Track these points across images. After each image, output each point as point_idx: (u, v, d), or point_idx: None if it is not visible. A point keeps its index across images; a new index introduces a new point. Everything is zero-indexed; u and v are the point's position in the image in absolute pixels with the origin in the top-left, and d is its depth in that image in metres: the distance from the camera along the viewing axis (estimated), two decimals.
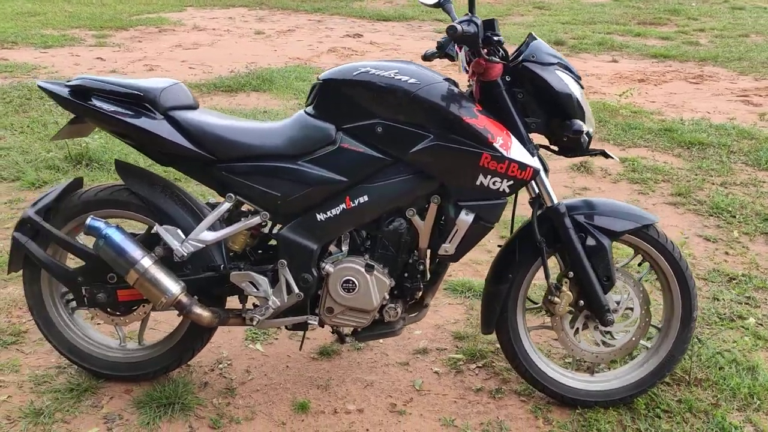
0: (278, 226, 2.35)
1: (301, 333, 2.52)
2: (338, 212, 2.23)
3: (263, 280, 2.29)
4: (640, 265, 2.46)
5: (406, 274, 2.33)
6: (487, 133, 2.11)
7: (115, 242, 2.22)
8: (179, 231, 2.27)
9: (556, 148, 2.27)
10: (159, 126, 2.23)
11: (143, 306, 2.41)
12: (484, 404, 2.48)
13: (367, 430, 2.34)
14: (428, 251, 2.33)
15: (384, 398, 2.50)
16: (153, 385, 2.48)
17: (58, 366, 2.61)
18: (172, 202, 2.35)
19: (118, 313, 2.42)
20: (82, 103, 2.24)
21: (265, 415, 2.40)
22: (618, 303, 2.32)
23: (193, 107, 2.34)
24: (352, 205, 2.22)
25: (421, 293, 2.39)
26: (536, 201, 2.27)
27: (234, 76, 7.14)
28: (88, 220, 2.27)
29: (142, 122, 2.22)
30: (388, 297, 2.31)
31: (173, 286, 2.24)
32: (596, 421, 2.36)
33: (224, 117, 2.37)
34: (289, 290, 2.29)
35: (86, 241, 2.61)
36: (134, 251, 2.23)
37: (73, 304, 2.54)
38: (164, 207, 2.33)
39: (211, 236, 2.28)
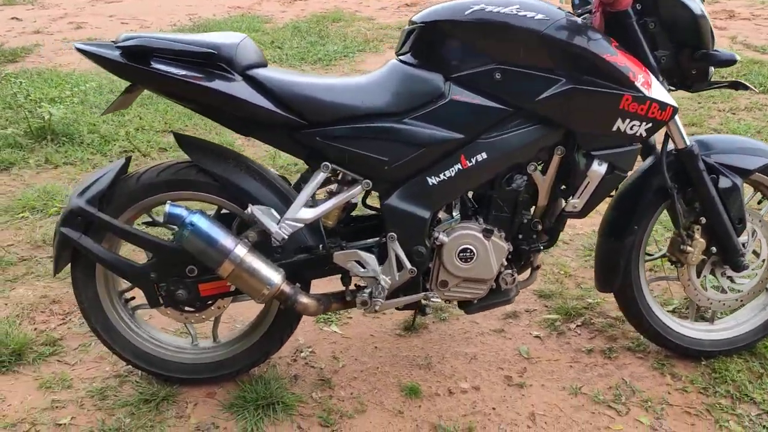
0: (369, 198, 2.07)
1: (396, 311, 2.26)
2: (453, 174, 1.97)
3: (371, 258, 2.01)
4: (759, 203, 2.31)
5: (520, 236, 2.10)
6: (628, 71, 1.88)
7: (203, 231, 1.89)
8: (273, 211, 1.95)
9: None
10: (239, 88, 1.89)
11: (222, 300, 2.09)
12: (602, 366, 2.31)
13: (494, 408, 2.14)
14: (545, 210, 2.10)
15: (495, 371, 2.29)
16: (238, 385, 2.19)
17: (117, 375, 2.27)
18: (250, 178, 2.03)
19: (193, 309, 2.10)
20: (142, 68, 1.86)
21: (376, 404, 2.15)
22: (744, 245, 2.18)
23: (264, 64, 2.00)
24: (469, 164, 1.96)
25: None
26: (665, 143, 2.07)
27: (179, 31, 6.60)
28: (168, 207, 1.92)
29: (220, 85, 1.87)
30: (505, 263, 2.09)
31: (274, 275, 1.93)
32: (726, 372, 2.23)
33: (303, 74, 2.05)
34: (400, 266, 2.03)
35: (147, 229, 2.28)
36: (226, 239, 1.90)
37: (133, 303, 2.20)
38: (242, 184, 2.00)
39: (310, 214, 1.97)
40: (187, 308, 2.09)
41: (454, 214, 2.07)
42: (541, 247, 2.13)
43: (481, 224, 2.04)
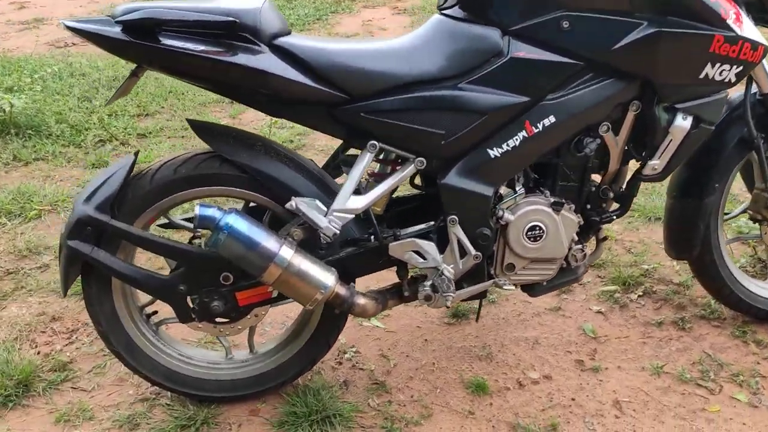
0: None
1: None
2: (517, 143, 1.72)
3: (431, 246, 1.76)
4: None
5: (589, 207, 1.88)
6: (719, 8, 1.64)
7: (242, 233, 1.62)
8: (318, 203, 1.68)
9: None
10: (268, 61, 1.60)
11: (262, 307, 1.83)
12: (678, 339, 2.12)
13: (573, 399, 1.93)
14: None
15: (563, 356, 2.08)
16: (285, 399, 1.94)
17: (143, 398, 1.99)
18: (284, 166, 1.75)
19: (228, 320, 1.83)
20: (150, 45, 1.56)
21: (442, 406, 1.93)
22: None
23: (288, 32, 1.71)
24: (535, 130, 1.72)
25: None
26: (748, 87, 1.85)
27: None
28: (198, 209, 1.64)
29: (246, 59, 1.58)
30: (576, 238, 1.86)
31: (327, 277, 1.67)
32: None
33: (335, 40, 1.77)
34: (462, 252, 1.79)
35: (163, 233, 2.00)
36: (268, 240, 1.63)
37: (156, 318, 1.93)
38: (276, 174, 1.73)
39: (361, 202, 1.71)
40: (220, 320, 1.83)
41: (517, 188, 1.83)
42: (614, 217, 1.90)
43: (548, 197, 1.80)
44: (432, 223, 1.79)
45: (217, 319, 1.82)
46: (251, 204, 1.82)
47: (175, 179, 1.73)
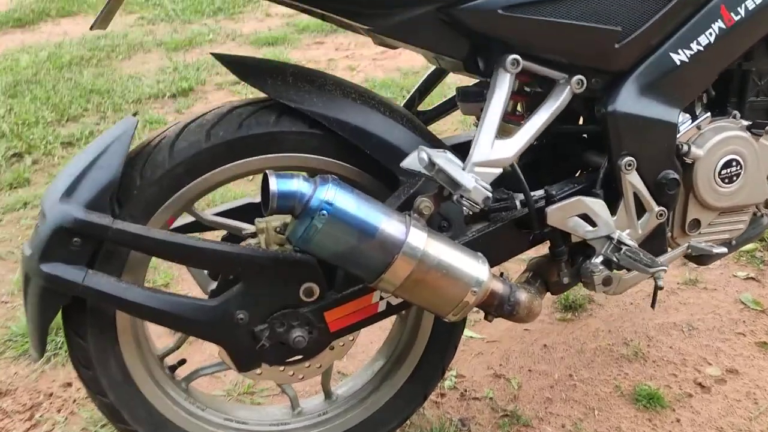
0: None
1: None
2: (711, 39, 1.18)
3: (601, 206, 1.19)
4: None
5: None
6: None
7: (351, 214, 0.98)
8: (450, 155, 1.07)
9: None
10: None
11: (353, 333, 1.20)
12: None
13: None
14: None
15: (737, 339, 1.57)
16: None
17: None
18: (375, 113, 1.14)
19: (301, 357, 1.20)
20: None
21: (613, 428, 1.36)
22: None
23: None
24: (735, 18, 1.18)
25: None
26: None
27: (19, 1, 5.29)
28: (274, 182, 0.98)
29: None
30: None
31: (478, 267, 1.06)
32: None
33: None
34: (640, 210, 1.23)
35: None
36: (389, 220, 1.01)
37: (182, 370, 1.26)
38: (370, 127, 1.12)
39: (511, 149, 1.11)
40: (293, 359, 1.18)
41: (697, 111, 1.28)
42: None
43: (738, 120, 1.27)
44: (597, 173, 1.22)
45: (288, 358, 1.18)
46: None
47: (211, 148, 1.08)
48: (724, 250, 1.26)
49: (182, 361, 1.26)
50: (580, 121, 1.33)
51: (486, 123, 1.10)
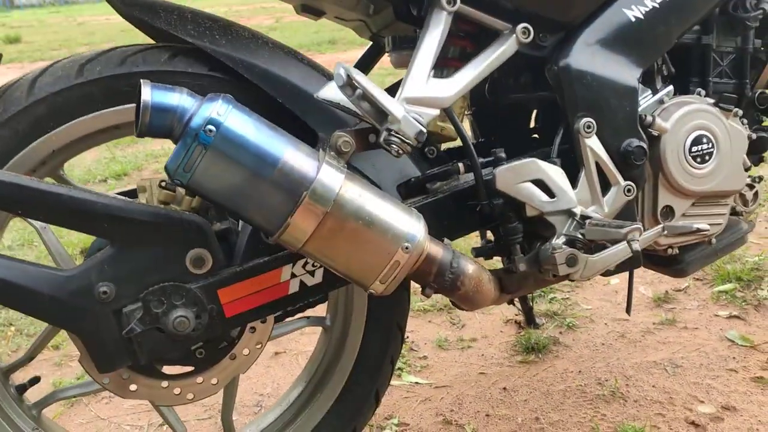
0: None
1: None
2: None
3: (557, 172, 1.00)
4: None
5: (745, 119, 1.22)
6: None
7: (245, 138, 0.77)
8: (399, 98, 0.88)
9: None
10: None
11: (263, 324, 0.96)
12: None
13: None
14: None
15: (728, 375, 1.33)
16: None
17: None
18: (284, 57, 0.96)
19: (193, 363, 0.93)
20: None
21: None
22: None
23: None
24: None
25: None
26: None
27: None
28: (146, 91, 0.76)
29: None
30: (748, 163, 1.18)
31: (410, 221, 0.84)
32: None
33: None
34: (605, 185, 1.04)
35: None
36: (297, 153, 0.80)
37: (34, 393, 0.98)
38: (279, 71, 0.93)
39: (451, 88, 0.93)
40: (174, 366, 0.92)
41: (658, 85, 1.13)
42: None
43: (703, 98, 1.13)
44: (554, 137, 1.04)
45: (166, 367, 0.92)
46: None
47: (83, 85, 0.88)
48: (706, 226, 1.05)
49: (35, 380, 0.98)
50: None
51: (419, 58, 0.92)
